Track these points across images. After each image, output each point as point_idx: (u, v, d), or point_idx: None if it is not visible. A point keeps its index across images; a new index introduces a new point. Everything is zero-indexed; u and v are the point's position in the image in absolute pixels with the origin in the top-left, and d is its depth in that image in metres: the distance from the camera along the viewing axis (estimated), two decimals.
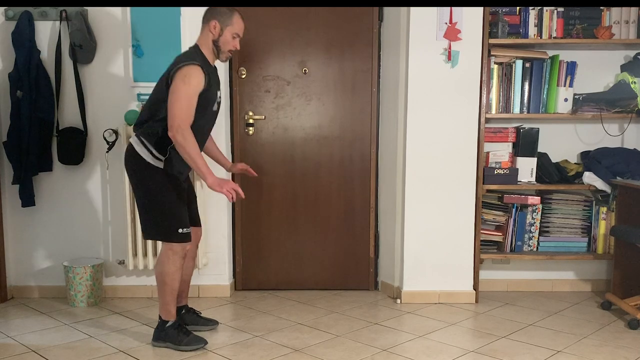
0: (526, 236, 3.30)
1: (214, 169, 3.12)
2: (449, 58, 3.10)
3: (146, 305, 3.20)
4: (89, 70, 3.22)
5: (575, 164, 3.38)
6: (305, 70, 3.36)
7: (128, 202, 3.13)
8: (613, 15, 3.19)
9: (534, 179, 3.27)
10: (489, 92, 3.18)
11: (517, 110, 3.24)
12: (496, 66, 3.20)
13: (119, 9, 3.18)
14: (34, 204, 3.21)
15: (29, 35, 3.09)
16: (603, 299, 3.17)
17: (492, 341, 2.65)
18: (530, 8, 3.18)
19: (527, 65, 3.21)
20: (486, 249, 3.29)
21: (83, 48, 3.15)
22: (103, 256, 3.32)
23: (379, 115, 3.41)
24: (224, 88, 3.27)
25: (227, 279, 3.38)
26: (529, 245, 3.31)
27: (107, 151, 3.19)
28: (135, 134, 2.50)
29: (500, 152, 3.28)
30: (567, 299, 3.34)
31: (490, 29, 3.11)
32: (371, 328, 2.83)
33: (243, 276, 3.49)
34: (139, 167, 2.46)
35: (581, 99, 3.22)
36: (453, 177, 3.18)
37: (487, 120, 3.24)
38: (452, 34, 3.08)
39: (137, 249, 3.19)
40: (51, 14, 3.16)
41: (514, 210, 3.27)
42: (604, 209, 3.27)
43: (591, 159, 3.27)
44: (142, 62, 3.19)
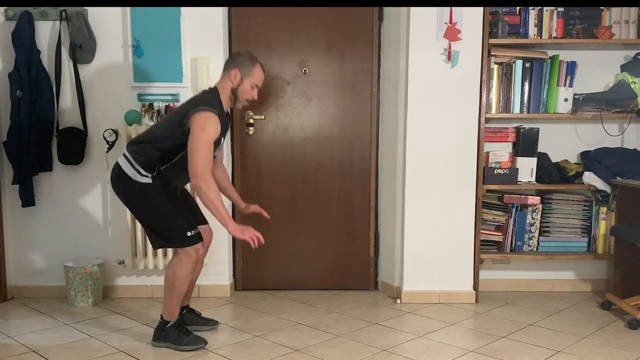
0: (526, 236, 3.30)
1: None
2: (449, 58, 3.10)
3: (146, 305, 3.20)
4: (89, 70, 3.22)
5: (575, 164, 3.38)
6: (305, 70, 3.36)
7: None
8: (613, 15, 3.19)
9: (534, 179, 3.27)
10: (489, 92, 3.19)
11: (517, 110, 3.24)
12: (496, 66, 3.20)
13: (119, 9, 3.18)
14: (34, 204, 3.21)
15: (29, 35, 3.09)
16: (603, 299, 3.17)
17: (492, 341, 2.65)
18: (530, 8, 3.18)
19: (527, 65, 3.21)
20: (486, 249, 3.29)
21: (83, 48, 3.15)
22: (103, 256, 3.32)
23: (379, 115, 3.41)
24: None
25: (227, 279, 3.38)
26: (529, 245, 3.31)
27: (107, 151, 3.19)
28: (124, 153, 2.50)
29: (500, 152, 3.28)
30: (567, 299, 3.34)
31: (490, 29, 3.11)
32: (371, 328, 2.83)
33: (243, 276, 3.49)
34: (127, 186, 2.47)
35: (581, 99, 3.22)
36: (453, 177, 3.18)
37: (487, 120, 3.24)
38: (452, 34, 3.08)
39: (137, 249, 3.19)
40: (51, 14, 3.16)
41: (514, 210, 3.27)
42: (604, 209, 3.27)
43: (591, 159, 3.27)
44: (142, 62, 3.19)
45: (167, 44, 3.17)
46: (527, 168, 3.26)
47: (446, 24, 3.08)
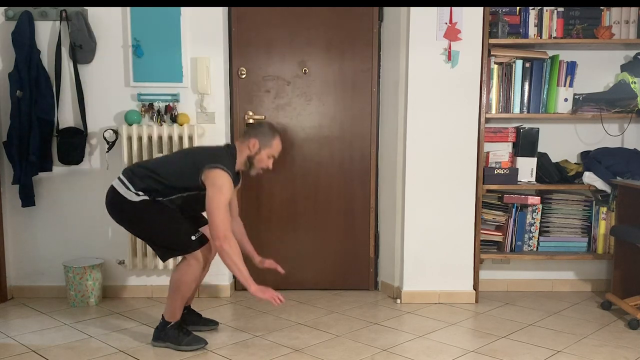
0: (526, 236, 3.30)
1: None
2: (449, 58, 3.10)
3: (146, 305, 3.20)
4: (89, 70, 3.22)
5: (575, 164, 3.38)
6: (305, 70, 3.36)
7: None
8: (613, 15, 3.19)
9: (534, 179, 3.27)
10: (489, 92, 3.18)
11: (517, 110, 3.24)
12: (496, 66, 3.20)
13: (119, 9, 3.18)
14: (34, 204, 3.21)
15: (29, 35, 3.08)
16: (603, 299, 3.17)
17: (492, 341, 2.65)
18: (530, 8, 3.18)
19: (527, 65, 3.21)
20: (486, 249, 3.29)
21: (83, 48, 3.15)
22: (103, 256, 3.32)
23: (379, 115, 3.41)
24: (224, 87, 3.28)
25: (227, 279, 3.38)
26: (529, 245, 3.31)
27: (107, 151, 3.19)
28: (121, 177, 2.50)
29: (500, 152, 3.28)
30: (567, 299, 3.34)
31: (490, 29, 3.11)
32: (371, 328, 2.83)
33: None
34: (123, 207, 2.49)
35: (581, 99, 3.22)
36: (453, 177, 3.18)
37: (487, 120, 3.24)
38: (452, 34, 3.08)
39: (136, 249, 3.19)
40: (51, 14, 3.16)
41: (514, 210, 3.27)
42: (604, 209, 3.27)
43: (591, 159, 3.27)
44: (142, 62, 3.19)
45: (167, 44, 3.17)
46: (527, 168, 3.26)
47: (446, 24, 3.08)
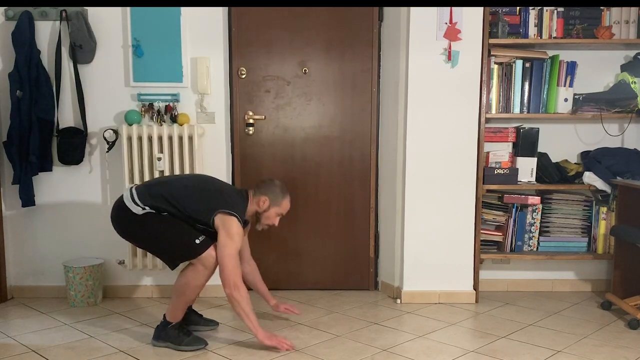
0: (526, 236, 3.30)
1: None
2: (449, 58, 3.10)
3: (146, 305, 3.20)
4: (89, 70, 3.22)
5: (575, 164, 3.38)
6: (305, 70, 3.36)
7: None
8: (613, 15, 3.19)
9: (534, 179, 3.27)
10: (489, 92, 3.18)
11: (517, 110, 3.24)
12: (496, 66, 3.20)
13: (119, 9, 3.18)
14: (34, 204, 3.21)
15: (29, 35, 3.09)
16: (603, 299, 3.17)
17: (492, 341, 2.65)
18: (530, 8, 3.18)
19: (527, 65, 3.21)
20: (486, 249, 3.29)
21: (83, 48, 3.15)
22: (103, 256, 3.32)
23: (379, 115, 3.41)
24: (224, 87, 3.28)
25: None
26: (529, 245, 3.31)
27: (107, 151, 3.19)
28: (133, 197, 2.50)
29: (500, 152, 3.28)
30: (567, 299, 3.34)
31: (490, 29, 3.11)
32: (371, 328, 2.83)
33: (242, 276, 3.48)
34: (129, 220, 2.49)
35: (581, 99, 3.22)
36: (453, 177, 3.18)
37: (487, 120, 3.24)
38: (452, 34, 3.08)
39: (136, 249, 3.19)
40: (51, 14, 3.16)
41: (514, 210, 3.27)
42: (604, 209, 3.27)
43: (591, 159, 3.27)
44: (142, 62, 3.19)
45: (167, 44, 3.17)
46: (527, 168, 3.26)
47: (446, 24, 3.08)
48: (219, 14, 3.22)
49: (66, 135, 3.19)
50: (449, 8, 3.06)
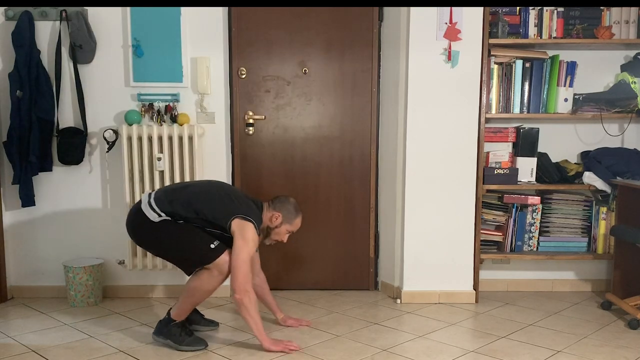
0: (526, 236, 3.30)
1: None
2: (449, 58, 3.10)
3: (146, 305, 3.20)
4: (89, 70, 3.22)
5: (575, 164, 3.38)
6: (305, 70, 3.36)
7: (128, 201, 3.14)
8: (613, 15, 3.19)
9: (534, 179, 3.27)
10: (489, 92, 3.18)
11: (517, 110, 3.24)
12: (496, 66, 3.20)
13: (119, 9, 3.18)
14: (34, 204, 3.21)
15: (29, 35, 3.08)
16: (603, 299, 3.17)
17: (492, 341, 2.65)
18: (530, 8, 3.18)
19: (527, 65, 3.21)
20: (486, 249, 3.29)
21: (83, 48, 3.15)
22: (103, 256, 3.32)
23: (379, 115, 3.41)
24: (224, 87, 3.28)
25: (228, 279, 3.37)
26: (529, 245, 3.31)
27: (107, 151, 3.19)
28: (150, 197, 2.50)
29: (500, 152, 3.28)
30: (567, 299, 3.34)
31: (490, 29, 3.11)
32: (371, 328, 2.83)
33: None
34: (145, 228, 2.49)
35: (581, 99, 3.22)
36: (453, 177, 3.18)
37: (487, 120, 3.24)
38: (452, 34, 3.08)
39: (136, 249, 3.19)
40: (51, 14, 3.16)
41: (514, 210, 3.27)
42: (604, 209, 3.27)
43: (591, 159, 3.27)
44: (142, 62, 3.19)
45: (167, 44, 3.17)
46: (527, 168, 3.26)
47: (446, 24, 3.08)
48: (219, 14, 3.22)
49: (66, 135, 3.19)
50: (449, 8, 3.06)
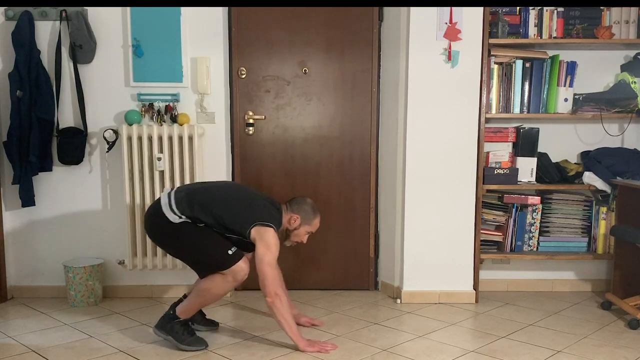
0: (526, 236, 3.30)
1: (216, 166, 3.13)
2: (449, 58, 3.10)
3: (146, 305, 3.20)
4: (89, 70, 3.22)
5: (575, 164, 3.38)
6: (305, 70, 3.36)
7: (128, 201, 3.14)
8: (613, 15, 3.19)
9: (534, 179, 3.27)
10: (489, 92, 3.18)
11: (517, 110, 3.24)
12: (496, 66, 3.20)
13: (119, 9, 3.18)
14: (34, 204, 3.21)
15: (29, 35, 3.08)
16: (603, 299, 3.17)
17: (492, 341, 2.65)
18: (530, 8, 3.18)
19: (527, 65, 3.21)
20: (486, 249, 3.29)
21: (83, 48, 3.15)
22: (103, 256, 3.32)
23: (379, 115, 3.41)
24: (224, 87, 3.28)
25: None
26: (529, 245, 3.31)
27: (107, 151, 3.19)
28: (169, 197, 2.50)
29: (500, 152, 3.29)
30: (567, 299, 3.34)
31: (490, 29, 3.11)
32: (371, 328, 2.83)
33: None
34: (165, 228, 2.49)
35: (581, 99, 3.22)
36: (453, 177, 3.18)
37: (487, 120, 3.24)
38: (452, 34, 3.08)
39: (137, 249, 3.19)
40: (51, 14, 3.16)
41: (514, 210, 3.27)
42: (604, 209, 3.27)
43: (591, 159, 3.27)
44: (142, 62, 3.19)
45: (167, 44, 3.17)
46: (527, 168, 3.26)
47: (446, 24, 3.08)
48: (219, 14, 3.22)
49: (66, 135, 3.19)
50: (449, 8, 3.06)
